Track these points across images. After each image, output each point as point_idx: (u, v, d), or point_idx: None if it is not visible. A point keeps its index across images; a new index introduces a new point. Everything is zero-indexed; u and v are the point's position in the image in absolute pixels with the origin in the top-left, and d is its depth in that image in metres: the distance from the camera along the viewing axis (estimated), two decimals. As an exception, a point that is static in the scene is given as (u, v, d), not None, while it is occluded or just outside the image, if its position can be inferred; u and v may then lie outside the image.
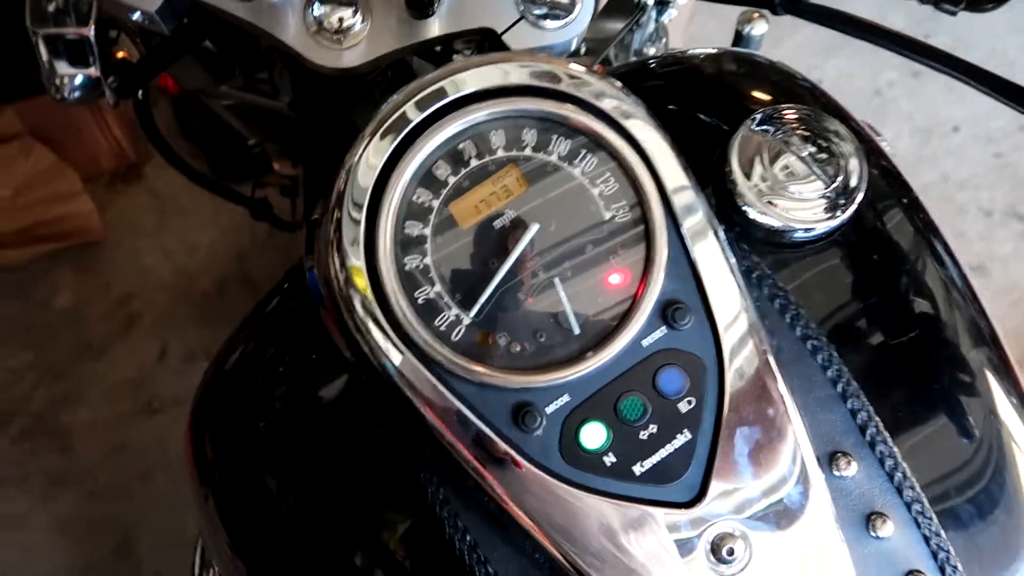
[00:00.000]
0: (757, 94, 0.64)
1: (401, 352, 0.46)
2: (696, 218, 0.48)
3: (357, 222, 0.47)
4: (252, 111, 1.15)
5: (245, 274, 1.90)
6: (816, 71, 2.28)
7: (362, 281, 0.47)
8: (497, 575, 0.50)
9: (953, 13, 0.49)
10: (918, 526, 0.50)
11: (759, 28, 1.09)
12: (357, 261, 0.47)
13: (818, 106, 0.60)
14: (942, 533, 0.51)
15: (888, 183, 0.58)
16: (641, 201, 0.48)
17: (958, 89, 0.50)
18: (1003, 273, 1.99)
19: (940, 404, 0.55)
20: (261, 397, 0.62)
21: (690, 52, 0.70)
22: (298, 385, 0.61)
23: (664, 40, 1.06)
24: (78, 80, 0.88)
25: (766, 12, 1.03)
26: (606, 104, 0.48)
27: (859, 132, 0.62)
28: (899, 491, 0.51)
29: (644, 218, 0.48)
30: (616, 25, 0.90)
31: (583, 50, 0.95)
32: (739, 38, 1.10)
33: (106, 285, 1.90)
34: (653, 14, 1.00)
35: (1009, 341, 1.80)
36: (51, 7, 0.84)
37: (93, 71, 0.86)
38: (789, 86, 0.66)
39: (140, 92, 0.94)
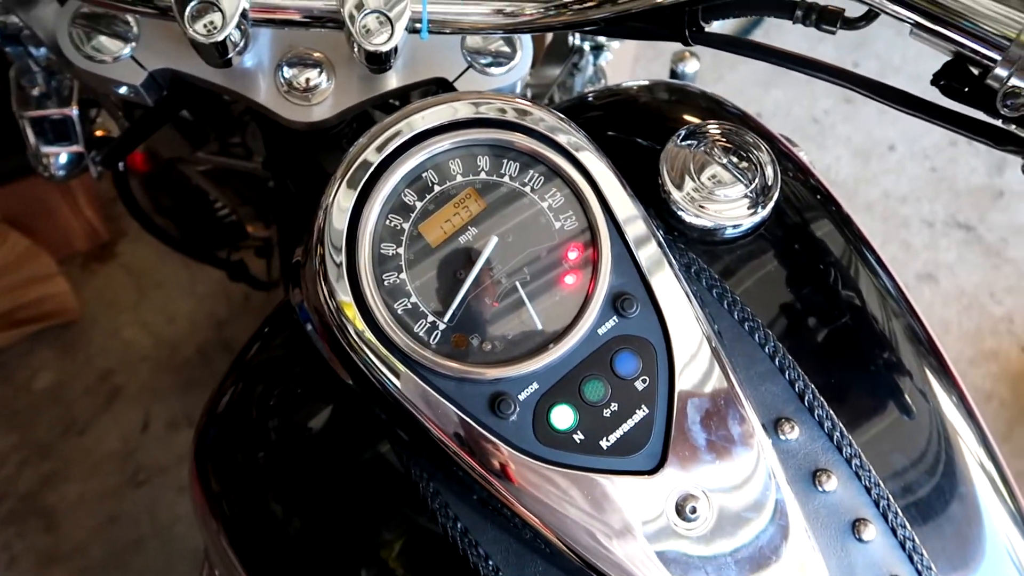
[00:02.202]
0: (688, 117, 0.72)
1: (386, 358, 0.52)
2: (634, 219, 0.55)
3: (339, 248, 0.53)
4: (225, 177, 1.21)
5: (224, 339, 1.94)
6: (756, 103, 2.41)
7: (347, 301, 0.53)
8: (488, 556, 0.55)
9: (832, 32, 0.57)
10: (859, 478, 0.57)
11: (692, 66, 1.19)
12: (341, 284, 0.53)
13: (744, 126, 0.68)
14: (881, 483, 0.57)
15: (802, 183, 0.66)
16: (585, 209, 0.55)
17: (890, 111, 0.57)
18: (951, 279, 2.09)
19: (869, 372, 0.61)
20: (256, 428, 0.67)
21: (625, 84, 0.78)
22: (289, 413, 0.66)
23: (603, 81, 1.15)
24: (63, 158, 0.94)
25: (698, 51, 1.13)
26: (542, 126, 0.55)
27: (777, 144, 0.70)
28: (839, 448, 0.57)
29: (589, 224, 0.54)
30: (558, 71, 0.99)
31: (529, 94, 1.04)
32: (674, 75, 1.19)
33: (86, 362, 1.93)
34: (591, 58, 1.09)
35: (963, 343, 1.89)
36: (35, 91, 0.91)
37: (77, 147, 0.92)
38: (717, 110, 0.74)
39: (121, 165, 1.00)
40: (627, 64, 1.83)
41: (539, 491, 0.51)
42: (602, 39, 1.07)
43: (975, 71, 0.52)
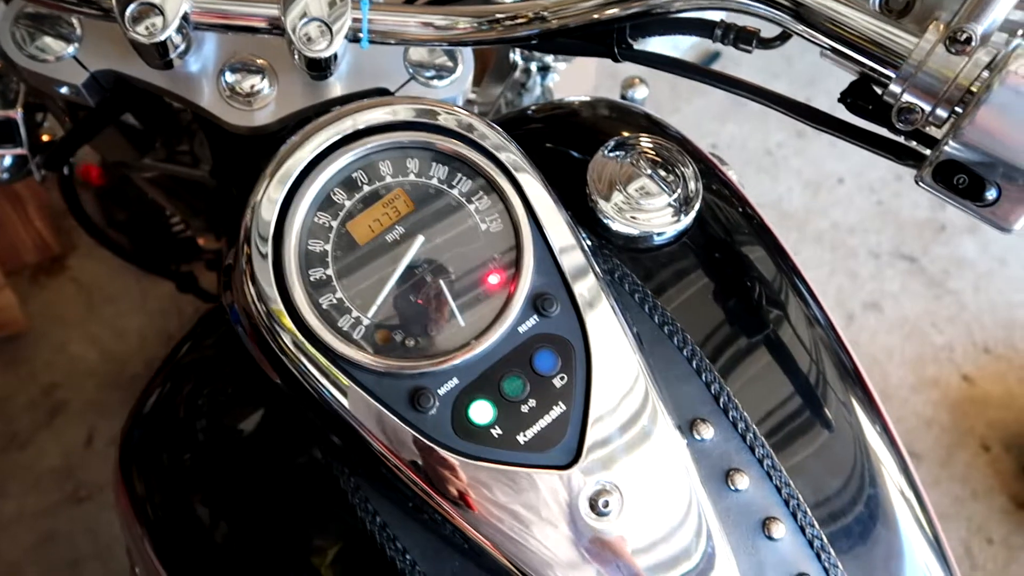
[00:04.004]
0: (626, 134, 0.74)
1: (309, 352, 0.53)
2: (557, 223, 0.56)
3: (265, 243, 0.54)
4: (176, 188, 1.21)
5: (174, 355, 1.91)
6: (713, 135, 2.48)
7: (272, 296, 0.54)
8: (406, 550, 0.56)
9: (749, 51, 0.60)
10: (770, 478, 0.58)
11: (641, 92, 1.22)
12: (266, 278, 0.54)
13: (680, 146, 0.70)
14: (791, 483, 0.59)
15: (727, 199, 0.69)
16: (510, 212, 0.56)
17: (839, 145, 0.60)
18: (895, 308, 2.15)
19: (784, 378, 0.63)
20: (183, 429, 0.67)
21: (567, 99, 0.81)
22: (216, 413, 0.66)
23: (551, 101, 1.18)
24: (7, 161, 0.94)
25: (658, 84, 1.16)
26: (467, 130, 0.57)
27: (705, 160, 0.72)
28: (751, 449, 0.59)
29: (513, 226, 0.56)
30: (506, 90, 1.01)
31: (476, 111, 1.06)
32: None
33: (30, 376, 1.89)
34: (538, 78, 1.12)
35: (905, 370, 1.94)
36: (-22, 93, 0.91)
37: (21, 150, 0.92)
38: (655, 130, 0.76)
39: (66, 169, 1.00)
40: (588, 88, 1.88)
41: (455, 484, 0.52)
42: (548, 59, 1.10)
43: (878, 90, 0.55)
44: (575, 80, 1.62)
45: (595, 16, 0.61)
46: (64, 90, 0.72)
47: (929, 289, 2.17)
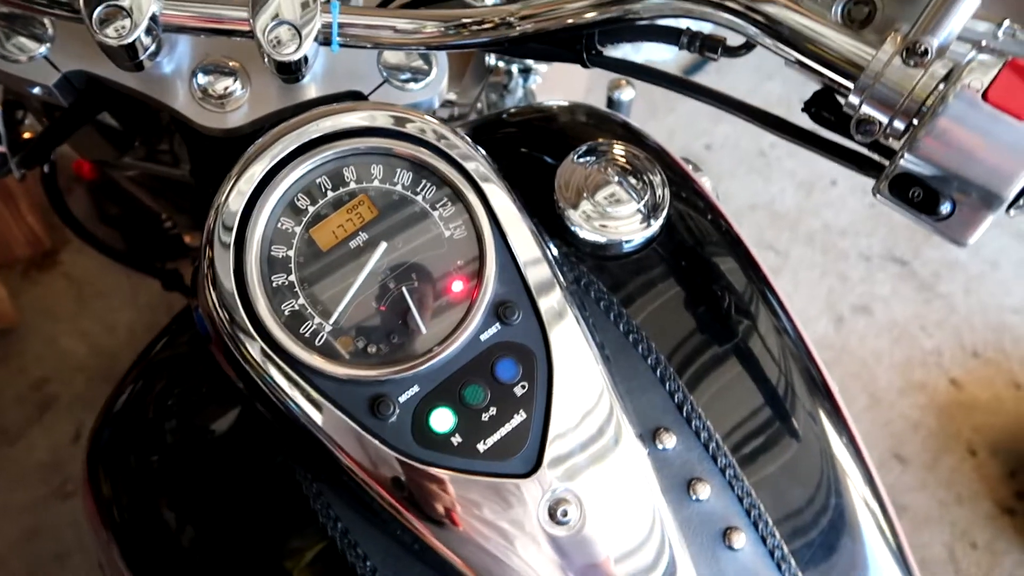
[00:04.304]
0: (600, 139, 0.74)
1: (270, 358, 0.53)
2: (521, 231, 0.56)
3: (227, 247, 0.54)
4: (159, 187, 1.21)
5: (163, 351, 1.92)
6: (707, 135, 2.47)
7: (234, 301, 0.54)
8: (367, 556, 0.56)
9: (714, 59, 0.60)
10: (732, 488, 0.59)
11: (627, 93, 1.22)
12: (228, 283, 0.54)
13: (654, 155, 0.69)
14: (753, 493, 0.59)
15: (695, 207, 0.69)
16: (473, 219, 0.56)
17: None
18: (885, 312, 2.15)
19: (750, 387, 0.63)
20: (152, 430, 0.67)
21: (546, 103, 0.80)
22: (186, 415, 0.66)
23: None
24: (-15, 158, 0.94)
25: (633, 80, 1.16)
26: (431, 137, 0.57)
27: (677, 168, 0.72)
28: (714, 458, 0.59)
29: (477, 234, 0.56)
30: (487, 92, 1.01)
31: (457, 112, 1.06)
32: (610, 103, 1.23)
33: (20, 370, 1.89)
34: (520, 81, 1.12)
35: (893, 373, 1.93)
36: (-44, 92, 0.91)
37: (0, 148, 0.92)
38: (632, 138, 0.76)
39: (47, 166, 1.00)
40: (579, 95, 1.88)
41: (414, 492, 0.52)
42: (529, 61, 1.10)
43: (841, 101, 0.55)
44: (567, 81, 1.62)
45: (564, 22, 0.61)
46: (36, 90, 0.72)
47: (919, 292, 2.17)
